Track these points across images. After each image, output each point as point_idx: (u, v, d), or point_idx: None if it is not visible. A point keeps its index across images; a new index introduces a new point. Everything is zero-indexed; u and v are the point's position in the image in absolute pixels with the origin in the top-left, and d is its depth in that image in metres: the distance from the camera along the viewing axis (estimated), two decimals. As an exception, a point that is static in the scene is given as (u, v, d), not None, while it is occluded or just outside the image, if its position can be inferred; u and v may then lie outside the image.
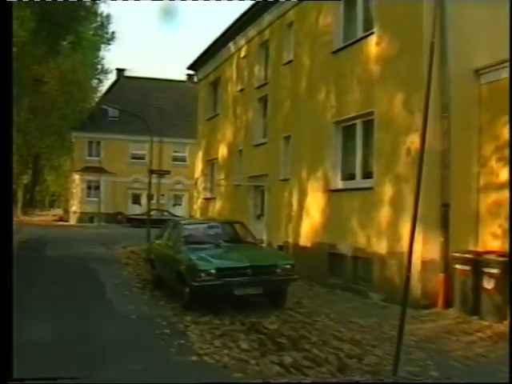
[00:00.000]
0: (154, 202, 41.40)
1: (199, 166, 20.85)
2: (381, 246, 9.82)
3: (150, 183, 20.55)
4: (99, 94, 48.34)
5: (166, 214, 38.45)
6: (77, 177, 40.34)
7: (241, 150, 16.71)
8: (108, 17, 52.31)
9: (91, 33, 49.77)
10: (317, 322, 7.90)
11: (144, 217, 39.20)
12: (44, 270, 13.53)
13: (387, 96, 9.91)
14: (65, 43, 27.71)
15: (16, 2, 20.28)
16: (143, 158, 41.43)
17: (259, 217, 15.31)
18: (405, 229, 9.18)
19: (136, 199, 41.36)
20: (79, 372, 5.24)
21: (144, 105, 42.78)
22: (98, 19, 51.66)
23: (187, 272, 8.38)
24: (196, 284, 8.11)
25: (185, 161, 42.29)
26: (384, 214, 9.76)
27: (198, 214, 20.71)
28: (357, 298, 10.08)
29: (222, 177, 18.01)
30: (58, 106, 38.27)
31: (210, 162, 19.85)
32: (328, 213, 11.56)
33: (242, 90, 16.90)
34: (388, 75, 9.97)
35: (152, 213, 39.44)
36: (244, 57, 16.90)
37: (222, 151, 18.24)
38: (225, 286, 8.11)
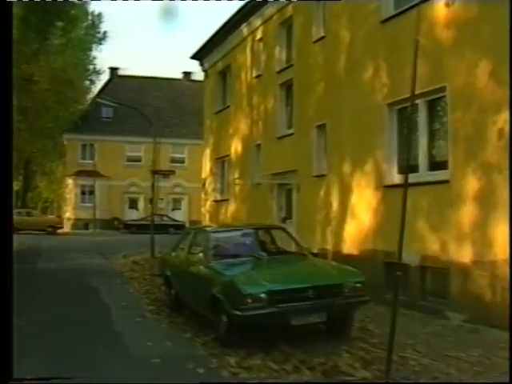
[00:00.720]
0: (151, 206, 39.27)
1: (207, 165, 18.75)
2: (462, 254, 7.76)
3: (153, 185, 18.41)
4: (92, 95, 46.05)
5: (165, 218, 36.32)
6: (70, 181, 38.09)
7: (259, 145, 14.64)
8: (99, 16, 50.23)
9: (82, 32, 47.69)
10: (408, 360, 5.83)
11: (142, 222, 37.06)
12: (35, 289, 11.29)
13: (465, 67, 7.87)
14: (55, 30, 25.50)
15: (16, 2, 19.94)
16: (140, 160, 39.30)
17: (285, 220, 13.22)
18: (498, 231, 7.16)
19: (133, 204, 39.15)
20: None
21: (139, 104, 40.37)
22: (89, 18, 49.63)
23: (226, 297, 6.27)
24: (239, 313, 6.00)
25: (184, 162, 40.12)
26: (466, 213, 7.71)
27: (206, 219, 18.59)
28: (431, 319, 8.03)
29: (236, 176, 15.93)
30: (49, 107, 35.99)
31: (220, 160, 17.77)
32: (382, 213, 9.49)
33: (258, 76, 14.84)
34: (465, 42, 7.93)
35: (150, 218, 37.35)
36: (260, 39, 14.84)
37: (235, 147, 16.16)
38: (279, 314, 6.01)
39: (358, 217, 10.12)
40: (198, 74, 56.49)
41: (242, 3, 15.10)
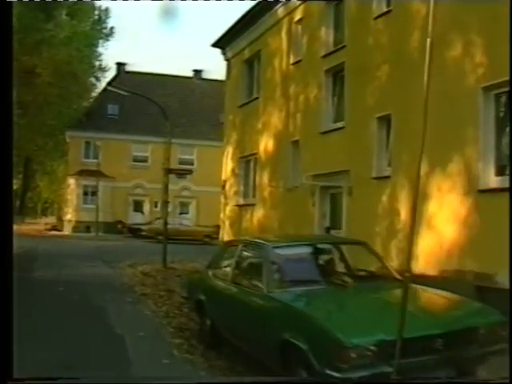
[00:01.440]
0: (157, 209, 37.24)
1: (228, 165, 16.72)
2: None
3: (166, 186, 16.36)
4: (96, 93, 44.05)
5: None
6: (72, 181, 36.03)
7: (296, 141, 12.60)
8: (107, 11, 48.26)
9: (88, 27, 45.79)
10: None
11: (148, 227, 34.98)
12: (26, 310, 8.93)
13: None
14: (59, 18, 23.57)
15: (16, 2, 19.87)
16: (146, 161, 37.29)
17: (328, 230, 11.17)
18: None
19: (138, 207, 37.09)
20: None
21: (146, 102, 38.64)
22: (96, 13, 47.73)
23: (311, 347, 4.21)
24: (338, 375, 3.95)
25: (192, 164, 38.04)
26: None
27: (226, 226, 16.55)
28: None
29: (265, 177, 13.88)
30: (51, 101, 33.99)
31: (245, 160, 15.74)
32: (473, 225, 7.45)
33: (297, 62, 12.82)
34: None
35: (156, 222, 35.29)
36: (299, 20, 12.83)
37: (265, 144, 14.13)
38: (396, 372, 3.96)
39: (437, 229, 8.07)
40: (209, 72, 54.53)
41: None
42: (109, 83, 40.19)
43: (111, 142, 35.69)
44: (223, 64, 17.86)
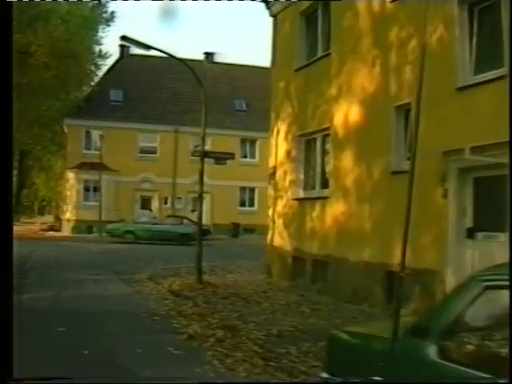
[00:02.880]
0: (167, 206, 33.33)
1: (279, 147, 12.76)
2: None
3: (201, 174, 12.45)
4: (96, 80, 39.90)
5: (185, 221, 30.25)
6: (71, 175, 31.98)
7: (405, 105, 8.66)
8: (106, -5, 44.05)
9: (87, 12, 41.71)
10: None
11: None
12: None
13: None
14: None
15: (16, 2, 19.08)
16: (154, 152, 33.29)
17: (471, 233, 7.25)
18: None
19: (145, 203, 33.08)
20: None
21: (154, 87, 34.76)
22: (95, -3, 43.66)
23: None
24: None
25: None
26: None
27: (277, 226, 12.61)
28: None
29: (349, 159, 9.91)
30: (47, 85, 29.92)
31: (307, 138, 11.81)
32: None
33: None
34: None
35: (167, 221, 31.35)
36: None
37: (345, 114, 10.15)
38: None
39: None
40: (222, 55, 49.98)
41: None
42: (110, 68, 36.31)
43: (115, 131, 31.67)
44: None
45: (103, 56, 43.70)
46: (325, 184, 11.01)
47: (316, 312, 8.62)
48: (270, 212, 13.09)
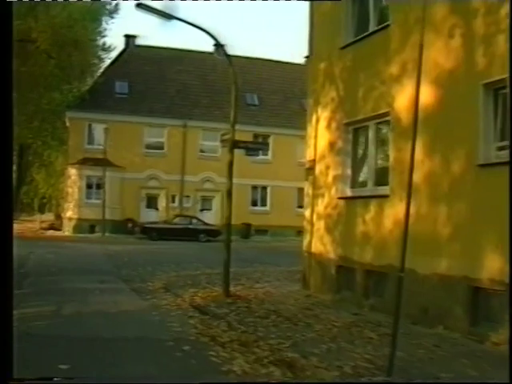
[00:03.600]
0: (175, 205, 31.56)
1: (320, 138, 10.96)
2: None
3: (230, 166, 10.65)
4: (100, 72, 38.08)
5: (194, 221, 28.55)
6: (73, 172, 30.20)
7: (497, 82, 6.89)
8: (111, -14, 42.22)
9: (90, 3, 39.89)
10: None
11: (166, 226, 29.23)
12: None
13: None
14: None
15: (16, 2, 19.04)
16: (161, 148, 31.50)
17: None
18: None
19: (152, 202, 31.32)
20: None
21: (161, 79, 33.02)
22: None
23: None
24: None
25: (216, 152, 32.26)
26: None
27: (317, 230, 10.82)
28: None
29: (420, 150, 8.10)
30: (47, 75, 28.14)
31: (356, 126, 10.03)
32: None
33: None
34: None
35: (175, 220, 29.60)
36: None
37: (411, 96, 8.34)
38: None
39: None
40: (232, 47, 47.85)
41: None
42: (116, 58, 34.54)
43: (120, 125, 29.91)
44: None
45: (107, 49, 41.73)
46: (380, 180, 9.23)
47: (385, 338, 6.85)
48: (308, 213, 11.30)
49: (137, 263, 16.08)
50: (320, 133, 10.92)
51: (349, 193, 9.99)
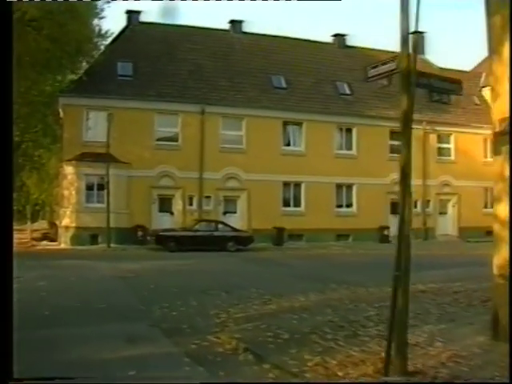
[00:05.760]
0: (193, 207, 26.32)
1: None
2: None
3: (407, 120, 5.46)
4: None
5: (221, 227, 23.35)
6: (69, 170, 24.88)
7: None
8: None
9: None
10: None
11: (186, 233, 23.99)
12: None
13: None
14: None
15: (16, 2, 17.44)
16: (175, 140, 26.27)
17: None
18: None
19: (165, 205, 26.03)
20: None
21: (170, 59, 27.82)
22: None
23: None
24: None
25: (241, 143, 27.04)
26: None
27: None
28: None
29: None
30: (33, 50, 22.79)
31: None
32: None
33: None
34: None
35: (197, 226, 24.37)
36: None
37: None
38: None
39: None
40: (251, 23, 41.50)
41: None
42: (117, 36, 29.27)
43: (124, 113, 24.69)
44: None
45: (104, 35, 36.12)
46: None
47: None
48: (502, 209, 6.15)
49: (168, 292, 10.92)
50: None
51: None
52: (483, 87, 34.81)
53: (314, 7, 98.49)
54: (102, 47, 28.28)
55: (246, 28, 31.50)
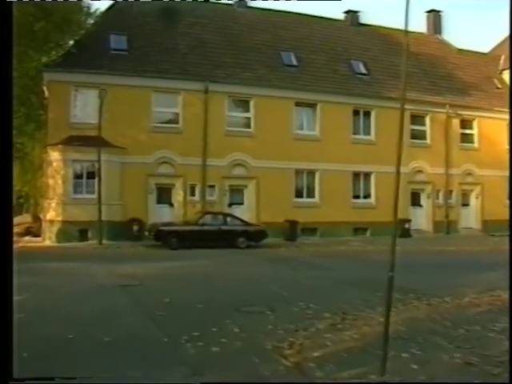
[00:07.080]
0: (195, 198, 23.45)
1: None
2: None
3: None
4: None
5: (229, 220, 20.50)
6: (55, 156, 21.79)
7: None
8: None
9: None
10: None
11: (190, 228, 21.03)
12: None
13: None
14: None
15: (16, 2, 15.39)
16: (176, 122, 23.28)
17: None
18: None
19: (164, 195, 23.07)
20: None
21: (169, 34, 24.75)
22: None
23: None
24: None
25: (249, 127, 24.14)
26: None
27: None
28: None
29: None
30: (18, 24, 19.70)
31: None
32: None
33: None
34: None
35: (202, 220, 21.50)
36: None
37: None
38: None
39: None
40: None
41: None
42: (109, 7, 26.13)
43: (118, 90, 21.64)
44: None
45: (91, 14, 32.82)
46: None
47: None
48: None
49: (192, 309, 8.12)
50: None
51: None
52: (503, 70, 32.48)
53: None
54: (93, 19, 25.18)
55: (251, 3, 28.65)
